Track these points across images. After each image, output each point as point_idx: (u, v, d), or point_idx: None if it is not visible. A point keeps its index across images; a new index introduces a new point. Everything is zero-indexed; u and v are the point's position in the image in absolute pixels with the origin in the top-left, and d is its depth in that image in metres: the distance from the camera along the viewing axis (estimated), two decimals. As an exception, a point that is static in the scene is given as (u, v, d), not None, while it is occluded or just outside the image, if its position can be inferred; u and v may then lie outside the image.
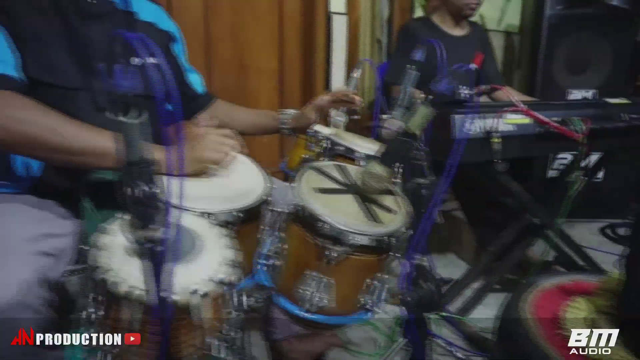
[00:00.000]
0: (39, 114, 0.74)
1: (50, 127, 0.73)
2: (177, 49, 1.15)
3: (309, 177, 0.83)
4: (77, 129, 0.76)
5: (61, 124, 0.74)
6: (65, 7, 0.87)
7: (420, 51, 1.11)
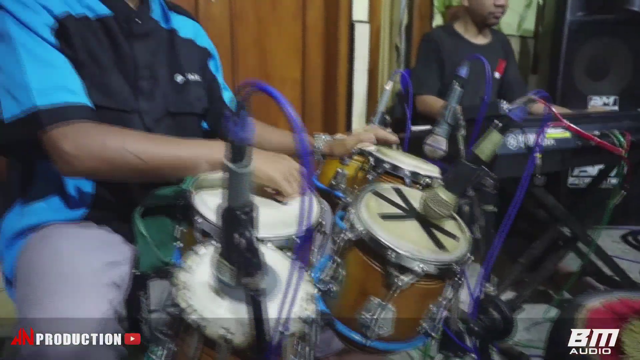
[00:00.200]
0: (115, 138, 0.74)
1: (126, 149, 0.74)
2: (213, 65, 1.14)
3: (368, 201, 0.82)
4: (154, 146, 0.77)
5: (137, 145, 0.75)
6: (114, 29, 0.86)
7: (465, 68, 1.09)
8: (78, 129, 0.72)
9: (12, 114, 0.72)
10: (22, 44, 0.72)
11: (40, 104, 0.71)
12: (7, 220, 0.85)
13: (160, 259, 0.85)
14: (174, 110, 0.97)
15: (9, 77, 0.72)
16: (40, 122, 0.70)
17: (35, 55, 0.73)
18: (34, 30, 0.73)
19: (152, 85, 0.93)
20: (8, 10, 0.72)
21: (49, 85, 0.72)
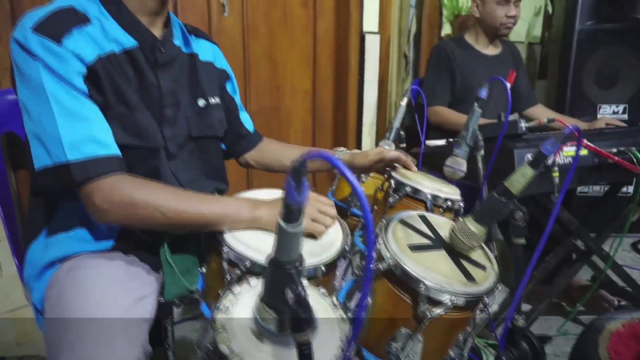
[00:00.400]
0: (143, 195, 0.76)
1: (153, 207, 0.75)
2: (230, 87, 1.15)
3: (395, 230, 0.82)
4: (180, 203, 0.77)
5: (163, 202, 0.76)
6: (140, 60, 0.86)
7: (485, 89, 1.09)
8: (108, 184, 0.74)
9: (44, 164, 0.73)
10: (54, 95, 0.73)
11: (71, 158, 0.72)
12: (32, 251, 0.85)
13: (186, 288, 0.86)
14: (197, 134, 0.98)
15: (41, 127, 0.73)
16: (71, 176, 0.72)
17: (67, 108, 0.73)
18: (67, 79, 0.74)
19: (175, 111, 0.93)
20: (42, 60, 0.73)
21: (79, 138, 0.73)
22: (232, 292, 0.62)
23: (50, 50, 0.73)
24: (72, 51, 0.75)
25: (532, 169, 0.70)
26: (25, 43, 0.73)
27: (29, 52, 0.73)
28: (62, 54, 0.74)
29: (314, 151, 0.38)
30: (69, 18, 0.78)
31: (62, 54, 0.74)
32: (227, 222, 0.79)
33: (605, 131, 1.43)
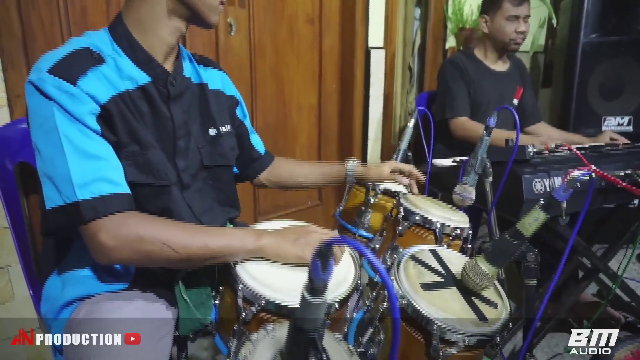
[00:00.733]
0: (151, 230, 0.76)
1: (161, 241, 0.75)
2: (240, 112, 1.16)
3: (407, 268, 0.83)
4: (188, 237, 0.77)
5: (171, 237, 0.76)
6: (154, 95, 0.88)
7: (494, 118, 1.10)
8: (115, 221, 0.74)
9: (55, 204, 0.73)
10: (67, 135, 0.73)
11: (81, 197, 0.72)
12: (49, 287, 0.86)
13: (201, 322, 0.87)
14: (209, 163, 0.99)
15: (53, 167, 0.73)
16: (80, 214, 0.72)
17: (78, 147, 0.74)
18: (80, 119, 0.75)
19: (187, 142, 0.95)
20: (56, 101, 0.74)
21: (89, 177, 0.73)
22: (250, 339, 0.63)
23: (65, 91, 0.74)
24: (86, 92, 0.76)
25: (545, 214, 0.71)
26: (41, 85, 0.74)
27: (43, 94, 0.74)
28: (77, 94, 0.75)
29: (341, 237, 0.39)
30: (84, 59, 0.79)
31: (76, 94, 0.75)
32: (233, 253, 0.80)
33: (612, 152, 1.43)
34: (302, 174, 1.26)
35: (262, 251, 0.81)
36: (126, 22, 0.86)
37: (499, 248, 0.74)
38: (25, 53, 1.26)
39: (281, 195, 1.29)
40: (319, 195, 2.23)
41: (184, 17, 0.88)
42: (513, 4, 1.88)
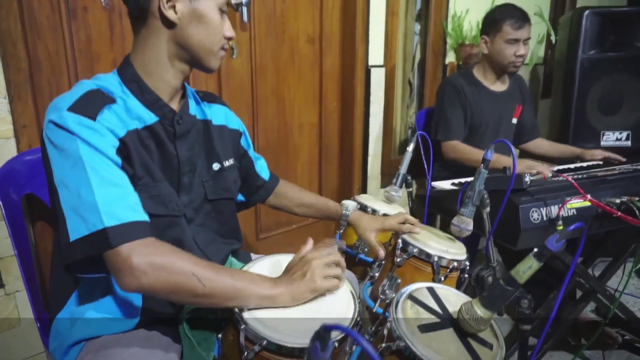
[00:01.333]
0: (182, 260, 0.77)
1: (192, 272, 0.76)
2: (244, 142, 1.19)
3: (405, 308, 0.85)
4: (215, 273, 0.78)
5: (200, 270, 0.77)
6: (161, 134, 0.91)
7: (490, 151, 1.12)
8: (145, 246, 0.75)
9: (80, 234, 0.74)
10: (92, 165, 0.76)
11: (108, 224, 0.73)
12: (58, 323, 0.89)
13: (203, 358, 0.90)
14: (212, 197, 1.02)
15: (78, 197, 0.75)
16: (108, 240, 0.73)
17: (103, 176, 0.76)
18: (102, 151, 0.78)
19: (192, 178, 0.98)
20: (79, 135, 0.76)
21: (115, 206, 0.75)
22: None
23: (87, 125, 0.78)
24: (106, 126, 0.80)
25: (538, 262, 0.73)
26: (62, 122, 0.77)
27: (66, 130, 0.77)
28: (98, 129, 0.78)
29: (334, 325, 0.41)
30: (99, 98, 0.83)
31: (97, 128, 0.78)
32: (252, 298, 0.80)
33: (609, 178, 1.45)
34: (301, 206, 1.32)
35: (277, 300, 0.82)
36: (134, 65, 0.90)
37: (494, 294, 0.76)
38: (32, 84, 1.29)
39: (282, 212, 1.34)
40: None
41: (186, 61, 0.91)
42: (514, 27, 1.88)
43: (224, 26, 0.91)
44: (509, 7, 1.96)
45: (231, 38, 0.94)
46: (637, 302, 2.21)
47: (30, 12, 1.28)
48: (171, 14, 0.85)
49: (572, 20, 2.49)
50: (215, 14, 0.89)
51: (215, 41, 0.90)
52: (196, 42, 0.88)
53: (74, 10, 1.37)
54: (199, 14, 0.87)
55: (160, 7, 0.85)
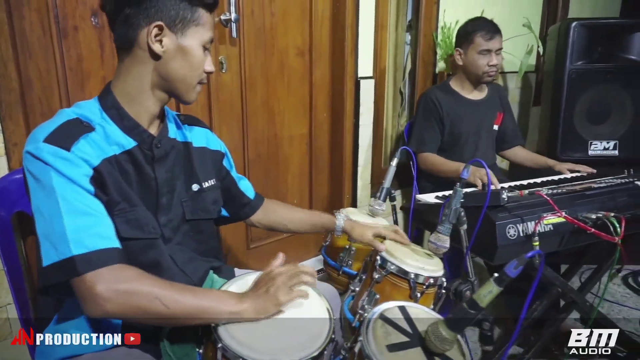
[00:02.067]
0: (146, 285, 0.81)
1: (155, 296, 0.80)
2: (227, 163, 1.24)
3: (375, 328, 0.88)
4: (178, 295, 0.82)
5: (164, 292, 0.81)
6: (139, 158, 0.95)
7: (467, 170, 1.16)
8: (110, 273, 0.79)
9: (51, 260, 0.79)
10: (63, 195, 0.80)
11: (75, 252, 0.78)
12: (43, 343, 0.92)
13: (184, 375, 0.93)
14: (190, 217, 1.06)
15: (50, 226, 0.79)
16: (75, 268, 0.77)
17: (74, 207, 0.80)
18: (75, 181, 0.81)
19: (170, 199, 1.01)
20: (53, 166, 0.80)
21: (83, 234, 0.79)
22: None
23: (61, 156, 0.81)
24: (80, 156, 0.83)
25: (498, 287, 0.76)
26: (38, 153, 0.81)
27: (41, 160, 0.81)
28: (71, 159, 0.82)
29: None
30: (76, 128, 0.86)
31: (71, 158, 0.82)
32: (217, 313, 0.84)
33: (587, 193, 1.49)
34: (292, 222, 1.34)
35: (243, 315, 0.86)
36: (114, 92, 0.94)
37: (458, 317, 0.80)
38: (23, 103, 1.32)
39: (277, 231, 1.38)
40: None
41: (166, 91, 0.96)
42: (485, 39, 1.96)
43: (205, 62, 0.96)
44: (480, 20, 2.03)
45: (211, 72, 0.98)
46: (623, 310, 2.24)
47: (22, 34, 1.31)
48: (157, 47, 0.89)
49: (560, 31, 2.52)
50: (198, 51, 0.93)
51: (196, 75, 0.95)
52: (178, 75, 0.93)
53: (64, 30, 1.40)
54: (184, 50, 0.91)
55: (148, 41, 0.89)
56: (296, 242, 2.25)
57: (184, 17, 0.90)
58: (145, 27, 0.88)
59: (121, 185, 0.89)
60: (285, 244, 2.20)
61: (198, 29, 0.92)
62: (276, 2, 1.93)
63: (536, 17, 3.35)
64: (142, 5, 0.88)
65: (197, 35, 0.92)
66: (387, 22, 2.35)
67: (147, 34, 0.88)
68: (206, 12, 0.94)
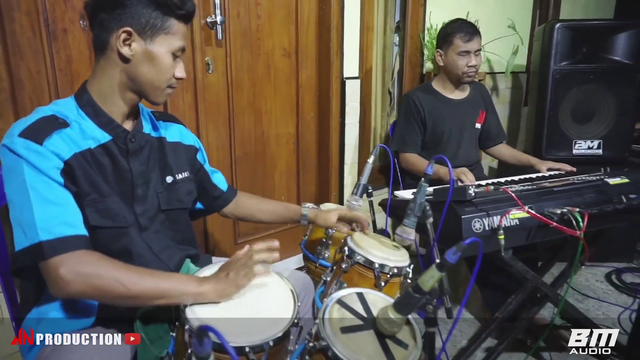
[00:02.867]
0: (106, 268, 0.88)
1: (115, 278, 0.87)
2: (200, 157, 1.31)
3: (332, 312, 0.95)
4: (138, 277, 0.89)
5: (124, 275, 0.88)
6: (114, 151, 1.02)
7: (431, 166, 1.21)
8: (74, 257, 0.86)
9: (22, 246, 0.86)
10: (33, 186, 0.87)
11: (43, 238, 0.85)
12: (28, 322, 0.99)
13: (155, 355, 1.00)
14: (166, 207, 1.13)
15: (21, 214, 0.87)
16: (42, 253, 0.84)
17: (42, 196, 0.87)
18: (45, 172, 0.88)
19: (146, 190, 1.08)
20: (25, 159, 0.87)
21: (51, 222, 0.86)
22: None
23: (33, 150, 0.88)
24: (51, 150, 0.90)
25: (439, 272, 0.82)
26: (12, 146, 0.88)
27: (15, 153, 0.88)
28: (43, 152, 0.89)
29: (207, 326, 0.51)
30: (50, 124, 0.94)
31: (42, 152, 0.89)
32: (177, 295, 0.92)
33: (555, 189, 1.54)
34: (261, 212, 1.41)
35: (204, 296, 0.93)
36: (89, 91, 1.01)
37: (405, 300, 0.86)
38: (14, 102, 1.40)
39: (248, 222, 1.45)
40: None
41: (135, 92, 1.02)
42: (463, 40, 2.02)
43: (175, 68, 1.02)
44: (458, 22, 2.09)
45: (182, 79, 1.04)
46: (603, 306, 2.29)
47: (13, 36, 1.39)
48: (126, 51, 0.96)
49: (544, 32, 2.57)
50: (166, 58, 0.99)
51: (163, 80, 1.01)
52: (146, 78, 0.99)
53: (54, 32, 1.48)
54: (151, 55, 0.97)
55: (117, 44, 0.95)
56: (284, 237, 2.30)
57: (154, 24, 0.96)
58: (116, 31, 0.95)
59: (93, 178, 0.96)
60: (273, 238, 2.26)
61: (168, 37, 0.98)
62: (262, 5, 1.99)
63: (526, 19, 3.40)
64: (115, 11, 0.94)
65: (165, 43, 0.98)
66: (374, 24, 2.41)
67: (116, 37, 0.95)
68: (178, 23, 0.99)
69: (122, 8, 0.94)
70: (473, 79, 2.14)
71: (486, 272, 1.96)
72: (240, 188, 1.54)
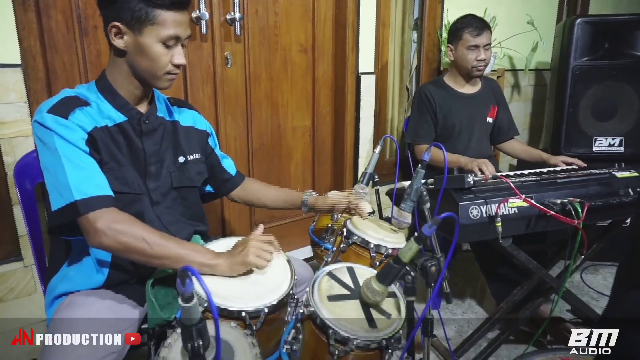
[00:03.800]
0: (136, 227, 0.99)
1: (142, 237, 0.98)
2: (212, 142, 1.41)
3: (322, 282, 1.02)
4: (162, 240, 1.00)
5: (150, 235, 0.99)
6: (129, 131, 1.14)
7: (427, 153, 1.27)
8: (108, 214, 0.98)
9: (59, 206, 0.98)
10: (65, 154, 0.99)
11: (77, 197, 0.97)
12: (52, 282, 1.12)
13: (164, 319, 1.10)
14: (177, 185, 1.24)
15: (56, 179, 0.99)
16: (77, 210, 0.96)
17: (74, 163, 0.99)
18: (73, 142, 1.01)
19: (159, 168, 1.19)
20: (55, 131, 1.00)
21: (83, 184, 0.98)
22: (176, 331, 0.85)
23: (61, 123, 1.01)
24: (76, 123, 1.03)
25: (417, 244, 0.88)
26: (43, 121, 1.01)
27: (46, 127, 1.01)
28: (69, 125, 1.01)
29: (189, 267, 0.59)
30: (73, 102, 1.06)
31: (69, 125, 1.01)
32: (192, 261, 1.01)
33: (559, 180, 1.56)
34: (266, 197, 1.49)
35: (217, 269, 1.02)
36: (108, 77, 1.13)
37: (386, 271, 0.93)
38: (49, 91, 1.54)
39: (255, 206, 1.54)
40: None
41: (138, 79, 1.12)
42: (472, 35, 2.05)
43: (170, 55, 1.08)
44: (469, 17, 2.11)
45: (180, 65, 1.10)
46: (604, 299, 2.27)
47: (49, 32, 1.53)
48: (118, 44, 1.06)
49: (564, 28, 2.56)
50: (157, 47, 1.06)
51: (159, 68, 1.08)
52: (142, 67, 1.08)
53: (85, 29, 1.61)
54: (141, 46, 1.05)
55: (110, 38, 1.06)
56: (297, 227, 2.39)
57: (138, 17, 1.03)
58: (109, 26, 1.06)
59: (111, 149, 1.08)
60: (287, 229, 2.36)
61: (155, 28, 1.04)
62: (279, 3, 2.09)
63: (551, 15, 3.36)
64: (107, 8, 1.06)
65: (153, 34, 1.05)
66: (390, 21, 2.47)
67: (109, 32, 1.06)
68: (167, 12, 1.03)
69: (113, 3, 1.04)
70: (482, 73, 2.16)
71: (494, 265, 1.99)
72: (257, 178, 1.63)
